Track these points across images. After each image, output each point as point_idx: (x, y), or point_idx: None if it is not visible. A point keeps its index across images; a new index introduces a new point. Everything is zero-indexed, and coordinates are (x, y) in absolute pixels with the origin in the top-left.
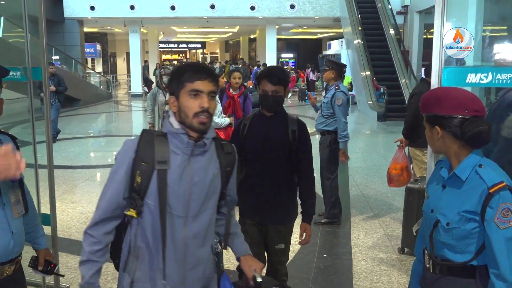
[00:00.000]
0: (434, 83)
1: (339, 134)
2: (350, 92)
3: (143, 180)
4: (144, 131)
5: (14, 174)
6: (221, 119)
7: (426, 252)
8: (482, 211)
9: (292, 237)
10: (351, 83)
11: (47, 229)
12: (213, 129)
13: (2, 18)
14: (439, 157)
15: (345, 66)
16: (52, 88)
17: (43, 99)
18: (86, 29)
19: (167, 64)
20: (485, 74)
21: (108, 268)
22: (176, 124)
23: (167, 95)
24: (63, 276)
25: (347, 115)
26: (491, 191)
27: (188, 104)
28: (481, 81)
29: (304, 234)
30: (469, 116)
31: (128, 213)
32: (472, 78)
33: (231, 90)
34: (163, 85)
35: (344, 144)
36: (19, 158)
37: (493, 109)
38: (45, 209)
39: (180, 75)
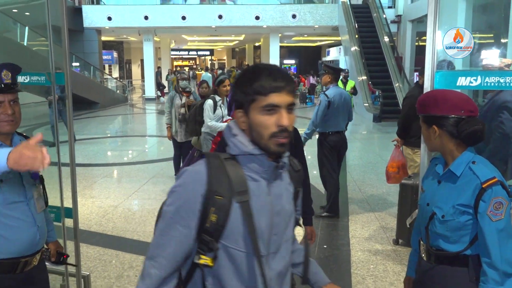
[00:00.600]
0: (427, 86)
1: (305, 130)
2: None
3: (219, 217)
4: (208, 155)
5: (38, 167)
6: (216, 123)
7: (421, 242)
8: (476, 205)
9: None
10: (354, 87)
11: (69, 222)
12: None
13: (27, 28)
14: (431, 155)
15: (342, 70)
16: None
17: (50, 104)
18: (103, 38)
19: (182, 69)
20: (475, 78)
21: (125, 257)
22: (249, 144)
23: (183, 98)
24: (75, 265)
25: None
26: (484, 186)
27: (262, 122)
28: (470, 84)
29: (311, 235)
30: (464, 116)
31: (201, 261)
32: (462, 81)
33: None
34: (180, 89)
35: (303, 140)
36: (45, 153)
37: (484, 111)
38: (67, 203)
39: (248, 85)
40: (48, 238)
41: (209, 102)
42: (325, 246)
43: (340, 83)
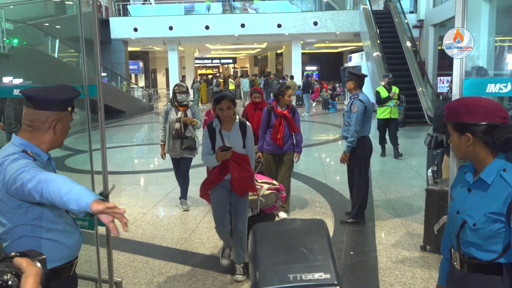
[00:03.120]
0: (456, 93)
1: (348, 138)
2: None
3: None
4: None
5: (107, 223)
6: (207, 158)
7: (453, 250)
8: (508, 213)
9: None
10: (399, 94)
11: (101, 229)
12: None
13: (58, 40)
14: (461, 163)
15: (366, 76)
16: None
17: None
18: (130, 48)
19: (181, 82)
20: (504, 84)
21: (155, 264)
22: None
23: (179, 112)
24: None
25: (367, 122)
26: None
27: None
28: (500, 91)
29: None
30: (499, 123)
31: None
32: (491, 88)
33: (279, 108)
34: (176, 103)
35: (348, 148)
36: (125, 221)
37: None
38: None
39: None
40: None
41: (205, 132)
42: (351, 253)
43: (383, 90)
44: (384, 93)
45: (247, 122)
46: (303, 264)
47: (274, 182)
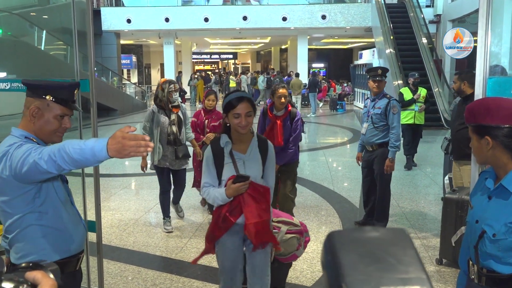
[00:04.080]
0: (478, 93)
1: (392, 143)
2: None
3: None
4: None
5: (142, 153)
6: (212, 194)
7: (471, 263)
8: None
9: None
10: (426, 96)
11: (92, 236)
12: None
13: (44, 31)
14: (481, 168)
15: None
16: None
17: None
18: (122, 41)
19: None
20: None
21: (148, 274)
22: None
23: (172, 115)
24: None
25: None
26: None
27: None
28: None
29: None
30: None
31: None
32: None
33: (274, 112)
34: (169, 104)
35: (394, 154)
36: (147, 139)
37: None
38: (88, 216)
39: None
40: None
41: (207, 154)
42: None
43: (407, 91)
44: (408, 95)
45: (268, 141)
46: (394, 275)
47: (295, 221)
